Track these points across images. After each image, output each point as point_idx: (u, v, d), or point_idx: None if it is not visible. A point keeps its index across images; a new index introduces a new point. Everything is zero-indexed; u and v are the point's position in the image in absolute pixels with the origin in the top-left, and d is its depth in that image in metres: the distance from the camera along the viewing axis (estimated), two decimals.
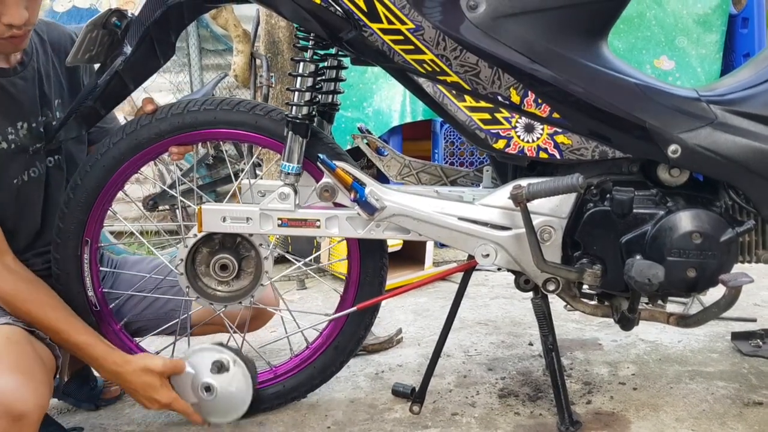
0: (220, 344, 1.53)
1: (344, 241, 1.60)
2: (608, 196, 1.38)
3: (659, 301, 1.49)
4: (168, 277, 1.68)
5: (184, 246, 1.51)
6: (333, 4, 1.30)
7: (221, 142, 1.71)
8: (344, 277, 1.62)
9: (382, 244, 1.56)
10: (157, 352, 1.63)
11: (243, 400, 1.49)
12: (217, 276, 1.52)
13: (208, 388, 1.47)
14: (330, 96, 1.57)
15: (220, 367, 1.47)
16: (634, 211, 1.37)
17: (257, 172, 3.20)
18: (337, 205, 1.47)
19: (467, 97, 1.35)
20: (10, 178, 1.47)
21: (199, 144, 1.63)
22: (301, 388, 1.63)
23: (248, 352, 1.75)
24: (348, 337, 1.60)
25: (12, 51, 1.44)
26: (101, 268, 1.61)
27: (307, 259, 1.78)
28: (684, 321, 1.44)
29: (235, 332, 1.63)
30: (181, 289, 1.54)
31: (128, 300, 1.68)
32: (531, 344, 2.01)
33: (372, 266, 1.56)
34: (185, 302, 1.62)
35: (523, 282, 1.48)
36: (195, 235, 1.49)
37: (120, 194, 1.57)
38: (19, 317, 1.37)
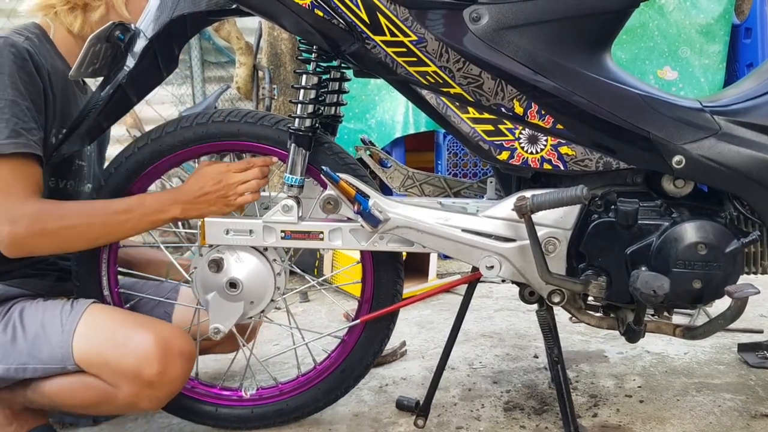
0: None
1: (352, 258, 1.59)
2: (613, 207, 1.38)
3: (665, 313, 1.48)
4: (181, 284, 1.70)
5: (199, 255, 1.50)
6: (336, 16, 1.31)
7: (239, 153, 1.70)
8: (348, 290, 1.61)
9: (397, 269, 1.54)
10: None
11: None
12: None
13: (233, 284, 1.47)
14: (333, 108, 1.57)
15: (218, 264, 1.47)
16: (639, 222, 1.36)
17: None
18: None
19: (470, 109, 1.35)
20: (47, 175, 1.49)
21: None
22: (303, 409, 1.61)
23: (254, 365, 1.74)
24: (356, 362, 1.57)
25: None
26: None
27: (321, 279, 1.76)
28: (690, 333, 1.42)
29: (244, 345, 1.62)
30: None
31: (141, 302, 1.68)
32: (536, 357, 2.00)
33: (386, 290, 1.54)
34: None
35: (527, 294, 1.47)
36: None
37: None
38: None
